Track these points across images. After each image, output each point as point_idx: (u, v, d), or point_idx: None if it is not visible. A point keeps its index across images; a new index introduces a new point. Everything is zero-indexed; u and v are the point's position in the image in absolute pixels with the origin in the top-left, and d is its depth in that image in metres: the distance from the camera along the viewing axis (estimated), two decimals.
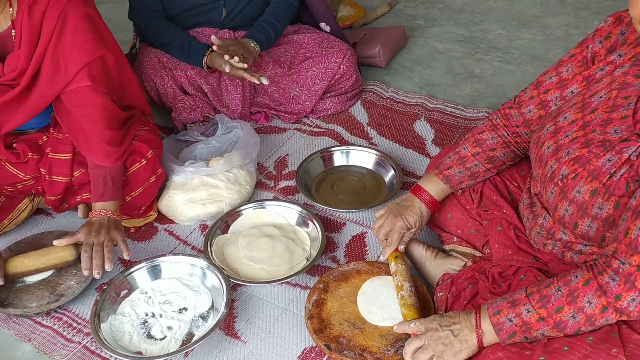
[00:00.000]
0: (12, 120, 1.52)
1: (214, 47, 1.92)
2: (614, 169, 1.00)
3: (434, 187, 1.39)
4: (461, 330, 1.11)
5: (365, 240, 1.68)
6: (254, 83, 1.96)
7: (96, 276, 1.43)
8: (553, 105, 1.24)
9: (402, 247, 1.44)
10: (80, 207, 1.61)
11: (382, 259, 1.46)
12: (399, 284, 1.37)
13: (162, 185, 1.74)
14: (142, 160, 1.62)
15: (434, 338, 1.13)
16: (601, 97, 1.10)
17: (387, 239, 1.44)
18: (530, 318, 1.03)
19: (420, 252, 1.52)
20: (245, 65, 1.88)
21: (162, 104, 2.08)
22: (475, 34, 2.74)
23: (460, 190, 1.40)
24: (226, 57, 1.87)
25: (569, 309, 0.99)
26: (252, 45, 1.99)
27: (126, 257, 1.48)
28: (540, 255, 1.23)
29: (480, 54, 2.59)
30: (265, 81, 1.89)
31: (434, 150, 2.02)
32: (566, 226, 1.10)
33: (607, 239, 1.05)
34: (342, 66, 2.13)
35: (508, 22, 2.83)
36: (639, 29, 0.98)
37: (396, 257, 1.43)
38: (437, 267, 1.47)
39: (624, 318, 0.98)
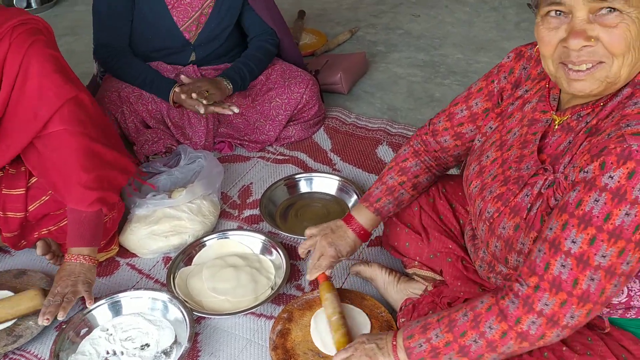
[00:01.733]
0: None
1: (177, 89, 1.93)
2: (530, 204, 1.04)
3: (365, 219, 1.41)
4: (385, 345, 1.12)
5: None
6: (223, 114, 1.99)
7: (43, 323, 1.39)
8: (467, 135, 1.29)
9: (329, 272, 1.46)
10: (39, 243, 1.58)
11: (308, 278, 1.47)
12: (329, 314, 1.37)
13: (124, 219, 1.72)
14: None
15: (359, 349, 1.15)
16: (515, 133, 1.14)
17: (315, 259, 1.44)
18: (438, 342, 1.04)
19: (383, 277, 1.53)
20: (205, 102, 1.90)
21: (124, 138, 2.07)
22: (434, 58, 2.81)
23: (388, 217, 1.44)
24: (193, 95, 1.89)
25: (472, 334, 1.01)
26: (225, 83, 2.01)
27: (88, 306, 1.46)
28: (488, 285, 1.26)
29: (439, 78, 2.66)
30: (235, 109, 1.94)
31: None
32: (499, 261, 1.13)
33: None
34: (304, 96, 2.15)
35: (466, 46, 2.91)
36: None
37: (325, 287, 1.43)
38: (400, 291, 1.48)
39: (527, 345, 0.98)
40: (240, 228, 1.82)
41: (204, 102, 1.90)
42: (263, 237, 1.72)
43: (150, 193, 1.81)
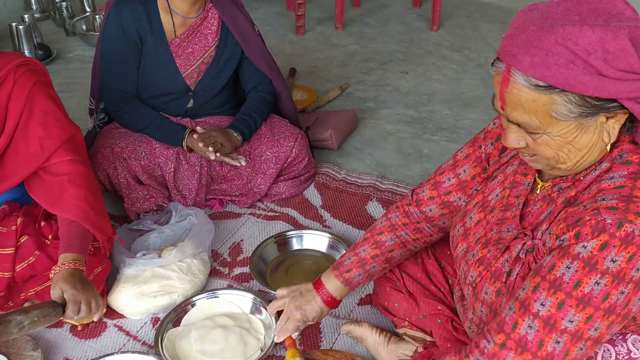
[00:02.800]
0: None
1: (196, 136, 2.00)
2: (510, 269, 1.05)
3: (334, 287, 1.41)
4: None
5: (320, 327, 1.67)
6: (217, 169, 2.07)
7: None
8: (456, 203, 1.28)
9: (295, 335, 1.45)
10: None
11: (275, 340, 1.46)
12: None
13: (112, 279, 1.71)
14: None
15: None
16: (497, 195, 1.16)
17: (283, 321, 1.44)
18: None
19: (374, 337, 1.52)
20: (217, 155, 1.98)
21: (115, 194, 2.08)
22: (423, 114, 2.87)
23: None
24: (210, 148, 1.97)
25: None
26: (235, 135, 2.06)
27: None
28: None
29: (428, 134, 2.71)
30: (243, 162, 2.02)
31: None
32: (487, 325, 1.13)
33: None
34: (294, 149, 2.19)
35: (453, 102, 2.98)
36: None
37: (290, 354, 1.42)
38: (390, 352, 1.47)
39: None
40: (230, 287, 1.81)
41: (216, 155, 1.98)
42: (253, 296, 1.71)
43: (140, 252, 1.80)
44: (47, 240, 1.59)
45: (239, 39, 2.12)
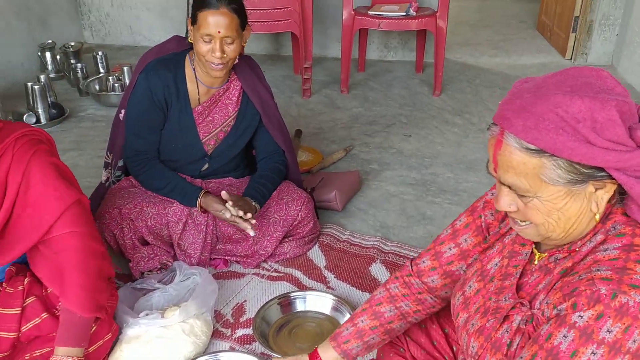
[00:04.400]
0: None
1: (228, 205, 2.01)
2: (510, 340, 1.05)
3: (331, 358, 1.37)
4: None
5: None
6: (235, 230, 2.11)
7: None
8: (458, 272, 1.28)
9: None
10: None
11: None
12: None
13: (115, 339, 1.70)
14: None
15: None
16: (496, 264, 1.17)
17: None
18: None
19: None
20: (249, 215, 2.01)
21: (121, 254, 2.10)
22: (425, 177, 2.92)
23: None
24: (240, 212, 1.99)
25: None
26: (254, 204, 2.11)
27: None
28: None
29: (431, 196, 2.74)
30: (252, 233, 2.01)
31: None
32: None
33: None
34: (300, 213, 2.22)
35: (455, 165, 3.03)
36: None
37: None
38: None
39: None
40: (232, 349, 1.80)
41: (247, 216, 2.00)
42: (255, 359, 1.70)
43: (144, 312, 1.80)
44: (56, 308, 1.59)
45: (259, 109, 2.21)
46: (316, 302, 1.98)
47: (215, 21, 1.92)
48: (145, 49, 2.31)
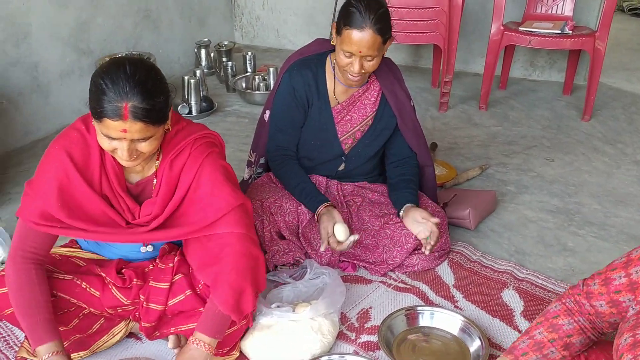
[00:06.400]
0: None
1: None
2: None
3: None
4: None
5: None
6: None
7: None
8: (625, 304, 1.19)
9: None
10: (172, 337, 1.66)
11: None
12: None
13: None
14: None
15: None
16: None
17: None
18: None
19: None
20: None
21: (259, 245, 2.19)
22: (568, 206, 2.74)
23: None
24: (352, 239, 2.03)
25: None
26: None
27: None
28: None
29: (574, 227, 2.56)
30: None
31: (523, 324, 1.95)
32: None
33: None
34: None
35: (603, 197, 2.81)
36: None
37: None
38: None
39: None
40: (356, 353, 1.80)
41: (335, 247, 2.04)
42: None
43: (275, 303, 1.87)
44: (198, 287, 1.69)
45: (395, 112, 2.21)
46: (444, 320, 1.93)
47: (358, 41, 1.93)
48: (289, 52, 2.42)
